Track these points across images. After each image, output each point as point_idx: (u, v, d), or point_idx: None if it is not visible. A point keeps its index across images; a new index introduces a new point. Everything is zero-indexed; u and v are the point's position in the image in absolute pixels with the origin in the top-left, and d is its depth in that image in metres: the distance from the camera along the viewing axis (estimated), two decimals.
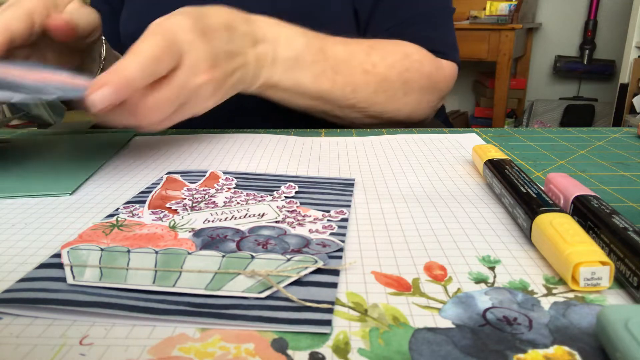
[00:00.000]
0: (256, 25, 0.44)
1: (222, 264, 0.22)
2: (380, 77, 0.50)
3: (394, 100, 0.52)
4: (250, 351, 0.17)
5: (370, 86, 0.50)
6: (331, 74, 0.47)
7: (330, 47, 0.48)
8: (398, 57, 0.51)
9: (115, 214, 0.28)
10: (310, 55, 0.46)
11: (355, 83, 0.49)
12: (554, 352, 0.17)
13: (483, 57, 2.23)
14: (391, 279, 0.22)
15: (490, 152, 0.34)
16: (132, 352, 0.17)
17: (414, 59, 0.52)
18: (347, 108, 0.51)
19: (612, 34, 2.47)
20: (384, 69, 0.50)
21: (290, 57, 0.45)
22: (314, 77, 0.47)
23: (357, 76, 0.49)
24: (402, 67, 0.51)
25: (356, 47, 0.49)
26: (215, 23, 0.40)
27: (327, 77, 0.47)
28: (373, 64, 0.49)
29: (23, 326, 0.19)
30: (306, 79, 0.47)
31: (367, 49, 0.50)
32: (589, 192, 0.26)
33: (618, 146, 0.43)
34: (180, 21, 0.37)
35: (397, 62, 0.51)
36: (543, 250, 0.23)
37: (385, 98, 0.51)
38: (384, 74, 0.50)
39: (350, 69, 0.48)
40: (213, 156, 0.41)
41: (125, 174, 0.37)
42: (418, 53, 0.53)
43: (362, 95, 0.50)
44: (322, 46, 0.47)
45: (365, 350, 0.17)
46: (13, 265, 0.23)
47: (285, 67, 0.45)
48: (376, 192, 0.32)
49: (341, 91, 0.49)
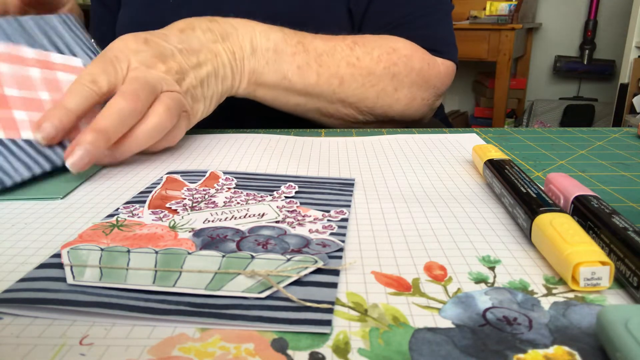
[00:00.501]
0: (223, 22, 0.45)
1: (222, 264, 0.22)
2: (366, 71, 0.49)
3: (384, 95, 0.51)
4: (250, 351, 0.17)
5: (357, 80, 0.49)
6: (315, 66, 0.47)
7: (309, 41, 0.48)
8: (384, 51, 0.50)
9: (115, 214, 0.28)
10: (289, 47, 0.47)
11: (340, 76, 0.49)
12: (554, 352, 0.17)
13: (483, 57, 2.23)
14: (391, 279, 0.22)
15: (490, 152, 0.34)
16: (132, 352, 0.17)
17: (402, 53, 0.51)
18: (337, 103, 0.50)
19: (612, 34, 2.47)
20: (368, 63, 0.50)
21: (269, 47, 0.46)
22: (297, 69, 0.47)
23: (342, 69, 0.49)
24: (389, 61, 0.50)
25: (338, 42, 0.49)
26: (163, 31, 0.42)
27: (312, 69, 0.47)
28: (357, 57, 0.49)
29: (23, 326, 0.19)
30: (290, 71, 0.47)
31: (350, 44, 0.50)
32: (589, 192, 0.26)
33: (618, 146, 0.43)
34: (121, 40, 0.39)
35: (383, 56, 0.50)
36: (543, 250, 0.23)
37: (374, 93, 0.51)
38: (369, 67, 0.50)
39: (333, 61, 0.48)
40: (213, 156, 0.41)
41: (125, 174, 0.37)
42: (407, 48, 0.52)
43: (349, 89, 0.49)
44: (300, 39, 0.47)
45: (365, 350, 0.17)
46: (13, 265, 0.23)
47: (267, 59, 0.46)
48: (376, 192, 0.32)
49: (327, 84, 0.48)
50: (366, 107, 0.52)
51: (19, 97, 0.36)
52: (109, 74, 0.36)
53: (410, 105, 0.54)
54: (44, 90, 0.37)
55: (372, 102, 0.51)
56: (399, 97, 0.52)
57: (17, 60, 0.37)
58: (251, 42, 0.45)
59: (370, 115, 0.53)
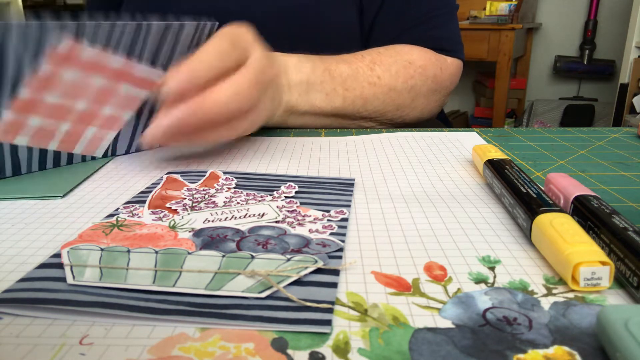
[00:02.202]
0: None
1: (222, 264, 0.22)
2: (387, 88, 0.52)
3: (403, 107, 0.54)
4: (250, 351, 0.17)
5: (378, 98, 0.52)
6: (341, 90, 0.50)
7: (334, 66, 0.50)
8: (401, 66, 0.53)
9: (115, 214, 0.28)
10: (318, 77, 0.48)
11: (364, 96, 0.51)
12: (554, 352, 0.17)
13: (483, 57, 2.23)
14: (391, 279, 0.22)
15: (490, 152, 0.34)
16: (132, 352, 0.17)
17: (417, 65, 0.54)
18: (360, 120, 0.53)
19: (612, 34, 2.46)
20: (389, 80, 0.52)
21: (302, 80, 0.47)
22: (325, 96, 0.49)
23: (365, 90, 0.51)
24: (406, 75, 0.53)
25: (359, 64, 0.52)
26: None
27: (338, 94, 0.50)
28: (378, 76, 0.52)
29: (23, 326, 0.19)
30: (319, 99, 0.49)
31: (369, 64, 0.52)
32: (589, 192, 0.26)
33: (618, 146, 0.43)
34: (242, 27, 0.39)
35: (401, 71, 0.53)
36: (543, 250, 0.23)
37: (394, 107, 0.53)
38: (390, 85, 0.52)
39: (357, 84, 0.50)
40: (213, 156, 0.41)
41: (125, 174, 0.37)
42: (421, 59, 0.55)
43: (372, 107, 0.52)
44: (327, 67, 0.49)
45: (365, 350, 0.17)
46: (13, 265, 0.23)
47: (300, 91, 0.47)
48: (376, 192, 0.32)
49: (352, 106, 0.51)
50: (387, 119, 0.54)
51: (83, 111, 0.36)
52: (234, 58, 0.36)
53: (425, 109, 0.57)
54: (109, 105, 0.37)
55: (392, 115, 0.54)
56: (416, 106, 0.55)
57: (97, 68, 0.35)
58: (287, 76, 0.46)
59: (389, 125, 0.56)
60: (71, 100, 0.35)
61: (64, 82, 0.33)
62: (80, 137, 0.38)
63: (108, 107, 0.37)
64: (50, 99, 0.33)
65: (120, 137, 0.40)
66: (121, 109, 0.38)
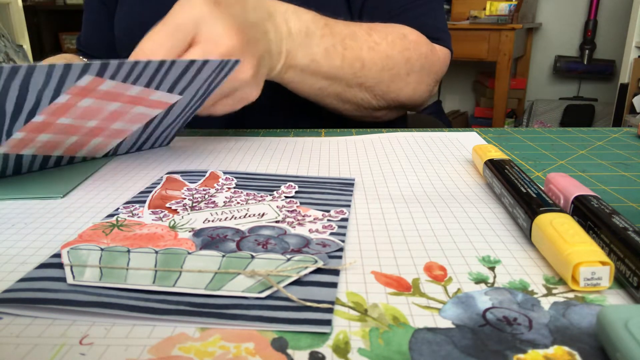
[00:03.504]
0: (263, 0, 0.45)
1: (222, 264, 0.22)
2: (384, 55, 0.51)
3: (397, 78, 0.53)
4: (250, 350, 0.17)
5: (376, 63, 0.51)
6: (340, 48, 0.48)
7: (333, 23, 0.48)
8: (396, 37, 0.52)
9: (115, 214, 0.28)
10: (318, 29, 0.47)
11: (363, 59, 0.50)
12: (554, 352, 0.17)
13: (483, 57, 2.23)
14: (391, 279, 0.22)
15: (490, 152, 0.34)
16: (132, 351, 0.17)
17: (411, 39, 0.53)
18: (356, 87, 0.51)
19: (612, 34, 2.46)
20: (385, 47, 0.51)
21: (302, 29, 0.46)
22: (325, 51, 0.47)
23: (364, 52, 0.50)
24: (402, 46, 0.52)
25: (356, 27, 0.50)
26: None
27: (337, 52, 0.48)
28: (375, 42, 0.50)
29: (23, 326, 0.19)
30: (319, 54, 0.47)
31: (366, 29, 0.51)
32: (589, 192, 0.26)
33: (618, 146, 0.43)
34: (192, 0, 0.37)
35: (397, 41, 0.52)
36: (543, 250, 0.23)
37: (389, 76, 0.52)
38: (387, 52, 0.51)
39: (356, 44, 0.49)
40: (213, 156, 0.41)
41: (125, 174, 0.37)
42: (413, 34, 0.54)
43: (369, 72, 0.51)
44: (326, 22, 0.48)
45: (365, 350, 0.17)
46: (13, 265, 0.23)
47: (300, 41, 0.46)
48: (376, 192, 0.32)
49: (350, 68, 0.49)
50: (381, 90, 0.53)
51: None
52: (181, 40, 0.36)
53: (417, 89, 0.56)
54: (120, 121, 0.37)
55: (386, 86, 0.53)
56: (410, 81, 0.54)
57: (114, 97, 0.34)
58: (287, 22, 0.45)
59: (382, 100, 0.54)
60: (84, 121, 0.35)
61: (80, 108, 0.33)
62: (86, 146, 0.38)
63: (119, 123, 0.37)
64: (63, 121, 0.33)
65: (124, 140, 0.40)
66: (131, 124, 0.38)
